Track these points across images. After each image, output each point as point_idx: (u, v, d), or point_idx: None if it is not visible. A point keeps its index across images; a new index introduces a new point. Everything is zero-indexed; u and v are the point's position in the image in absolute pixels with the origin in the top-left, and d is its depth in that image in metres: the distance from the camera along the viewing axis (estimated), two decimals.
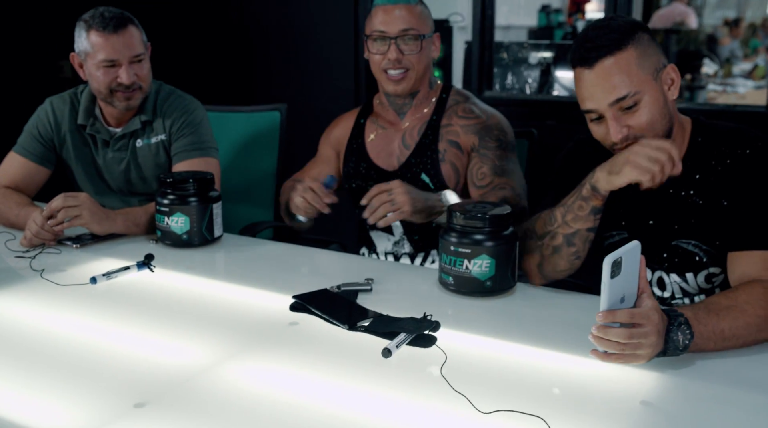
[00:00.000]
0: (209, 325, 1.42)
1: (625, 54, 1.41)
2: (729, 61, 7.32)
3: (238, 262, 1.78)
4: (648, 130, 1.43)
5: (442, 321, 1.39)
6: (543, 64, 3.31)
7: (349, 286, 1.57)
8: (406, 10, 1.94)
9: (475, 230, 1.50)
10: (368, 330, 1.36)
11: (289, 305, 1.48)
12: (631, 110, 1.42)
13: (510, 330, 1.40)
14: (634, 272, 1.19)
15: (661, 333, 1.18)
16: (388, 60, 1.93)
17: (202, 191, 1.87)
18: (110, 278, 1.65)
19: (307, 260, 1.81)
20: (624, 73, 1.41)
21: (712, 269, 1.53)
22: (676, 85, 1.48)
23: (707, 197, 1.49)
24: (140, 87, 2.10)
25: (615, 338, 1.16)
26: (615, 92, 1.41)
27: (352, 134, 2.13)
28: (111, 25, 2.03)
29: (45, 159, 2.20)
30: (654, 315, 1.17)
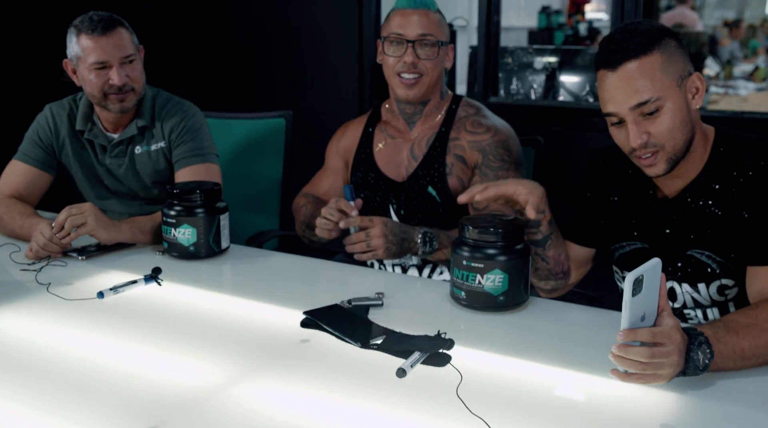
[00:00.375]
0: (220, 342, 1.40)
1: (649, 58, 1.39)
2: (729, 62, 7.31)
3: (246, 275, 1.76)
4: (668, 138, 1.42)
5: (456, 338, 1.37)
6: (548, 69, 3.29)
7: (360, 301, 1.55)
8: (425, 15, 1.93)
9: (488, 244, 1.48)
10: (381, 348, 1.35)
11: (300, 322, 1.47)
12: (653, 115, 1.40)
13: (524, 347, 1.38)
14: (654, 290, 1.17)
15: (682, 353, 1.16)
16: (404, 63, 1.92)
17: (209, 203, 1.85)
18: (117, 292, 1.63)
19: (316, 272, 1.79)
20: (647, 78, 1.39)
21: (725, 280, 1.51)
22: (700, 95, 1.45)
23: (726, 208, 1.47)
24: (133, 89, 2.09)
25: (636, 357, 1.14)
26: (637, 96, 1.39)
27: (360, 142, 2.10)
28: (99, 27, 2.03)
29: (47, 164, 2.19)
30: (675, 334, 1.16)
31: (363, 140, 2.10)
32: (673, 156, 1.44)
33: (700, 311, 1.57)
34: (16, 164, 2.18)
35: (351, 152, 2.12)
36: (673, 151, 1.43)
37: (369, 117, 2.15)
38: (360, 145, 2.10)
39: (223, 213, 1.88)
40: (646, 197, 1.58)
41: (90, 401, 1.19)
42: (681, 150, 1.44)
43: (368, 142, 2.09)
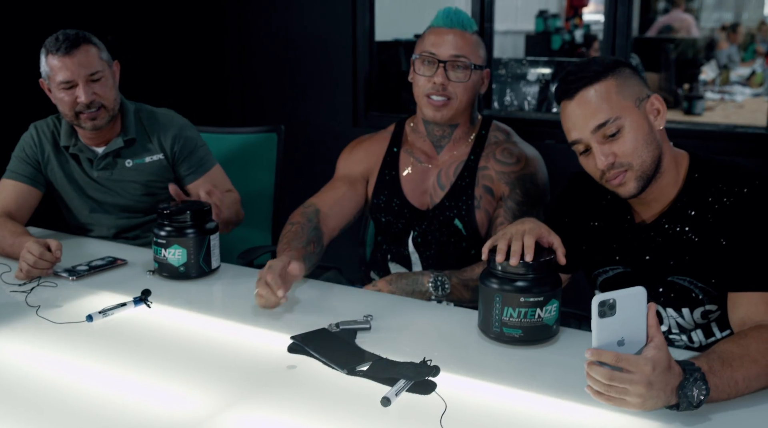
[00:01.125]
0: (207, 368, 1.41)
1: (604, 83, 1.45)
2: (726, 67, 7.32)
3: (237, 296, 1.76)
4: (634, 156, 1.44)
5: (442, 364, 1.37)
6: (542, 81, 3.30)
7: (348, 324, 1.56)
8: (461, 36, 1.87)
9: (543, 276, 1.44)
10: (367, 375, 1.35)
11: (288, 347, 1.47)
12: (615, 137, 1.44)
13: (511, 374, 1.38)
14: (638, 318, 1.17)
15: (654, 385, 1.14)
16: (434, 84, 1.86)
17: (199, 223, 1.86)
18: (106, 315, 1.64)
19: (305, 293, 1.79)
20: (604, 101, 1.44)
21: (708, 306, 1.52)
22: (662, 115, 1.49)
23: (703, 234, 1.48)
24: (103, 106, 2.10)
25: (598, 377, 1.15)
26: (596, 118, 1.44)
27: (384, 162, 2.03)
28: (63, 46, 2.05)
29: (35, 180, 2.21)
30: (645, 366, 1.13)
31: (387, 160, 2.03)
32: (642, 174, 1.46)
33: (684, 335, 1.58)
34: (4, 183, 2.20)
35: (373, 170, 2.04)
36: (641, 169, 1.45)
37: (393, 135, 2.07)
38: (384, 165, 2.03)
39: (213, 233, 1.88)
40: (623, 222, 1.59)
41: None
42: (649, 168, 1.46)
43: (393, 164, 2.02)
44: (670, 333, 1.58)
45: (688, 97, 5.17)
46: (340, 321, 1.57)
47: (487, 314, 1.47)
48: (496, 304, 1.44)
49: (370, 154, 2.05)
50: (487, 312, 1.46)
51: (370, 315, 1.60)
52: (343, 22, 3.28)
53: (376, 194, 2.03)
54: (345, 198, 2.01)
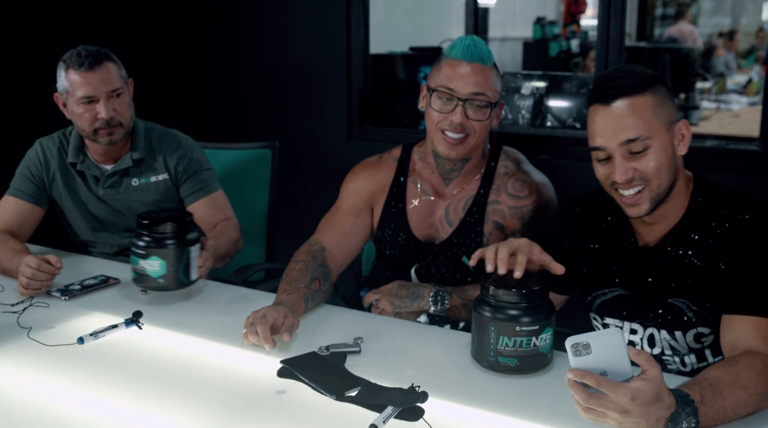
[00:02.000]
0: (196, 392, 1.41)
1: (642, 98, 1.43)
2: (723, 75, 7.33)
3: (229, 317, 1.76)
4: (654, 176, 1.45)
5: (431, 389, 1.38)
6: (536, 95, 3.31)
7: (338, 347, 1.56)
8: (481, 71, 1.78)
9: (535, 305, 1.42)
10: (355, 400, 1.36)
11: (277, 371, 1.47)
12: (640, 154, 1.44)
13: (500, 400, 1.39)
14: (617, 356, 1.15)
15: (632, 414, 1.13)
16: (451, 122, 1.79)
17: (180, 234, 1.81)
18: (98, 337, 1.64)
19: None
20: (638, 117, 1.43)
21: (701, 329, 1.53)
22: (686, 142, 1.49)
23: (704, 258, 1.48)
24: (120, 123, 2.12)
25: (576, 397, 1.15)
26: (627, 133, 1.43)
27: (390, 193, 1.96)
28: (87, 62, 2.06)
29: (38, 198, 2.21)
30: (623, 396, 1.12)
31: (394, 191, 1.96)
32: (657, 196, 1.46)
33: (678, 357, 1.58)
34: (7, 199, 2.20)
35: (378, 200, 1.98)
36: (658, 190, 1.46)
37: (399, 162, 1.99)
38: (390, 196, 1.96)
39: (193, 244, 1.84)
40: (626, 244, 1.58)
41: None
42: (664, 191, 1.47)
43: (400, 195, 1.96)
44: (663, 354, 1.58)
45: (684, 108, 5.18)
46: (330, 343, 1.57)
47: (482, 343, 1.45)
48: (491, 333, 1.42)
49: (375, 182, 1.99)
50: (482, 341, 1.45)
51: (360, 338, 1.60)
52: (338, 36, 3.29)
53: (381, 226, 1.98)
54: (351, 233, 1.96)
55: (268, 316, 1.57)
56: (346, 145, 3.31)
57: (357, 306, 2.05)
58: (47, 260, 1.86)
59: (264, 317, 1.57)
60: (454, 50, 1.81)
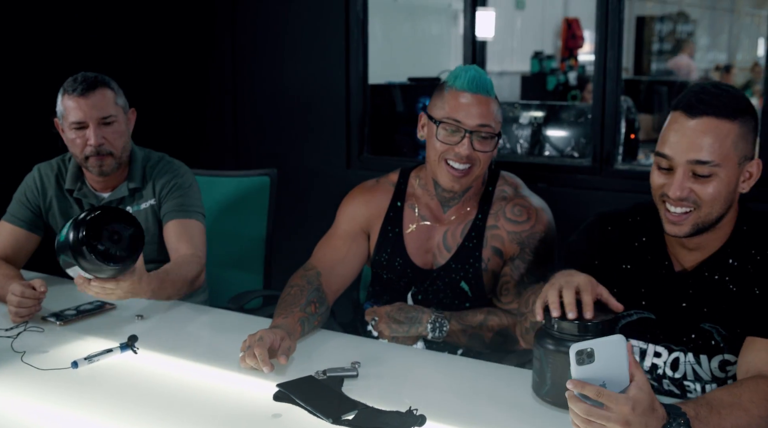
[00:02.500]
0: (192, 417, 1.39)
1: (729, 125, 1.39)
2: None
3: (225, 342, 1.74)
4: (709, 204, 1.41)
5: (429, 413, 1.36)
6: (534, 125, 3.33)
7: (335, 372, 1.54)
8: (486, 102, 1.78)
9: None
10: (352, 424, 1.34)
11: (273, 395, 1.46)
12: (703, 178, 1.40)
13: (499, 423, 1.37)
14: (618, 364, 1.16)
15: (632, 425, 1.12)
16: (457, 154, 1.77)
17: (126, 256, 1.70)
18: (92, 361, 1.62)
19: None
20: (718, 141, 1.38)
21: (728, 356, 1.49)
22: (752, 181, 1.46)
23: (741, 284, 1.46)
24: (111, 153, 2.09)
25: (576, 410, 1.14)
26: (699, 153, 1.39)
27: (387, 217, 1.95)
28: (80, 88, 2.06)
29: (34, 225, 2.20)
30: (625, 405, 1.12)
31: (390, 216, 1.95)
32: (702, 223, 1.43)
33: (699, 385, 1.53)
34: (3, 225, 2.20)
35: (374, 225, 1.97)
36: (705, 218, 1.43)
37: (396, 187, 1.98)
38: (387, 220, 1.95)
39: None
40: (660, 268, 1.55)
41: None
42: (711, 221, 1.44)
43: (397, 220, 1.95)
44: (685, 379, 1.54)
45: None
46: (327, 368, 1.56)
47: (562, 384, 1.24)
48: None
49: (371, 207, 1.98)
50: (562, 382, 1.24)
51: (357, 362, 1.59)
52: (337, 66, 3.32)
53: (378, 250, 1.97)
54: (347, 258, 1.95)
55: (265, 338, 1.56)
56: (345, 173, 3.31)
57: (354, 332, 2.04)
58: (32, 285, 1.84)
59: (261, 339, 1.55)
60: (459, 81, 1.80)
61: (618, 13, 2.74)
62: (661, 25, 11.27)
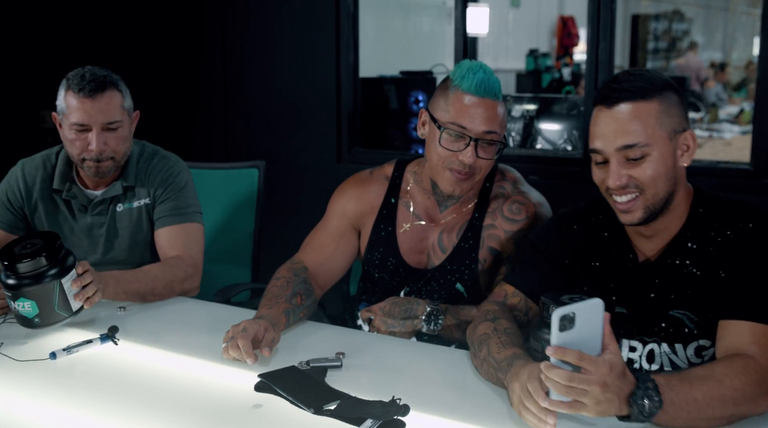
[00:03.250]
0: (171, 407, 1.36)
1: (647, 104, 1.39)
2: (715, 105, 7.38)
3: (208, 333, 1.71)
4: (649, 185, 1.41)
5: (413, 403, 1.33)
6: (527, 117, 3.31)
7: (319, 362, 1.51)
8: (492, 108, 1.70)
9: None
10: (334, 414, 1.31)
11: (254, 385, 1.43)
12: (637, 161, 1.40)
13: (483, 414, 1.34)
14: (594, 330, 1.16)
15: (610, 388, 1.13)
16: (461, 162, 1.71)
17: (44, 269, 1.64)
18: (71, 352, 1.59)
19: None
20: (640, 122, 1.39)
21: (702, 341, 1.48)
22: (690, 153, 1.45)
23: (704, 268, 1.45)
24: (111, 157, 2.00)
25: (557, 378, 1.13)
26: (625, 138, 1.39)
27: (380, 215, 1.88)
28: (88, 88, 1.94)
29: (14, 227, 2.12)
30: (603, 367, 1.13)
31: (384, 213, 1.88)
32: (651, 205, 1.43)
33: None
34: None
35: (367, 222, 1.90)
36: (653, 200, 1.42)
37: (391, 182, 1.91)
38: (380, 218, 1.88)
39: (64, 275, 1.66)
40: (626, 261, 1.53)
41: None
42: (660, 201, 1.43)
43: (390, 218, 1.88)
44: (662, 370, 1.52)
45: None
46: (311, 358, 1.53)
47: None
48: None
49: (363, 203, 1.91)
50: None
51: (342, 353, 1.56)
52: (327, 59, 3.30)
53: (370, 249, 1.91)
54: (335, 255, 1.90)
55: (248, 329, 1.52)
56: (336, 167, 3.29)
57: (343, 325, 2.00)
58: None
59: (244, 330, 1.52)
60: (466, 83, 1.70)
61: (610, 4, 2.72)
62: (656, 24, 11.27)
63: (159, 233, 2.08)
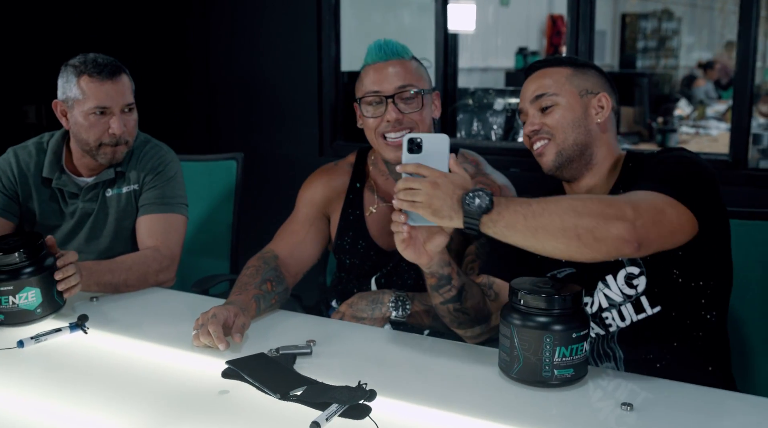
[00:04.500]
0: (136, 394, 1.35)
1: (559, 69, 1.61)
2: (702, 103, 7.40)
3: (179, 322, 1.70)
4: (557, 131, 1.57)
5: (380, 389, 1.32)
6: (508, 111, 3.31)
7: (288, 349, 1.51)
8: (400, 65, 1.76)
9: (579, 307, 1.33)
10: (300, 399, 1.30)
11: (222, 372, 1.41)
12: (547, 110, 1.58)
13: (451, 397, 1.33)
14: (440, 159, 1.35)
15: (440, 187, 1.30)
16: (387, 122, 1.73)
17: (45, 255, 1.69)
18: (39, 341, 1.57)
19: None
20: (552, 79, 1.60)
21: (630, 268, 1.52)
22: (604, 112, 1.60)
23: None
24: (126, 142, 2.02)
25: (400, 186, 1.34)
26: (537, 91, 1.60)
27: (347, 201, 1.91)
28: (106, 71, 1.96)
29: (8, 211, 2.10)
30: (435, 172, 1.32)
31: (350, 198, 1.91)
32: (562, 150, 1.57)
33: (615, 310, 1.56)
34: None
35: (335, 208, 1.93)
36: (563, 145, 1.57)
37: (354, 169, 1.95)
38: (347, 203, 1.92)
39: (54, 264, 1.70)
40: None
41: None
42: (570, 148, 1.57)
43: (357, 202, 1.91)
44: (601, 310, 1.57)
45: (662, 131, 5.21)
46: (280, 345, 1.52)
47: (531, 360, 1.31)
48: (547, 346, 1.30)
49: (329, 189, 1.94)
50: (532, 357, 1.31)
51: (313, 341, 1.55)
52: (309, 52, 3.29)
53: (340, 234, 1.92)
54: (306, 242, 1.91)
55: (218, 315, 1.52)
56: (318, 161, 3.28)
57: (318, 314, 1.99)
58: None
59: (214, 316, 1.51)
60: (370, 56, 1.79)
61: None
62: (645, 23, 11.29)
63: (140, 221, 2.09)
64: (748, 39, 2.51)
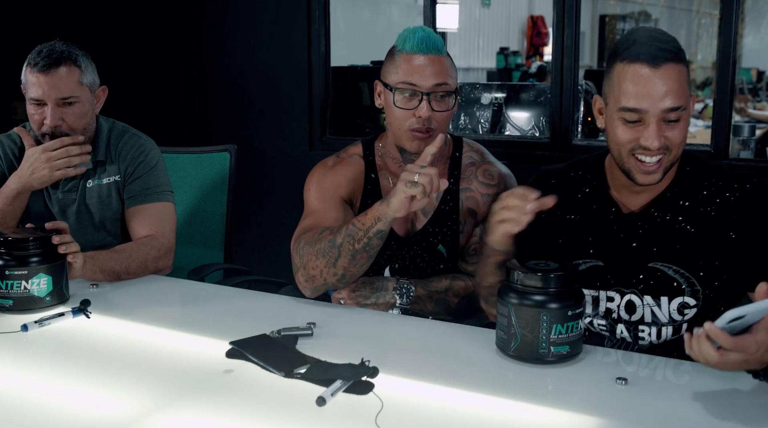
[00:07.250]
0: (142, 375, 1.37)
1: (683, 67, 1.43)
2: None
3: (181, 307, 1.74)
4: (678, 147, 1.44)
5: (382, 366, 1.36)
6: (495, 105, 3.36)
7: (290, 331, 1.54)
8: (438, 62, 1.75)
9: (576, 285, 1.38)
10: (304, 377, 1.33)
11: (226, 352, 1.44)
12: (673, 123, 1.42)
13: (451, 374, 1.37)
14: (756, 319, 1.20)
15: (749, 363, 1.18)
16: (419, 118, 1.74)
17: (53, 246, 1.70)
18: (43, 325, 1.59)
19: (249, 302, 1.77)
20: (683, 85, 1.41)
21: (688, 299, 1.52)
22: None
23: (702, 226, 1.50)
24: (67, 135, 2.00)
25: (707, 353, 1.18)
26: (673, 100, 1.40)
27: (366, 190, 1.89)
28: (42, 62, 1.96)
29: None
30: (751, 345, 1.17)
31: (369, 188, 1.89)
32: (669, 166, 1.47)
33: (655, 328, 1.55)
34: None
35: (356, 195, 1.90)
36: (673, 161, 1.46)
37: (365, 159, 1.91)
38: (366, 192, 1.89)
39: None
40: (608, 214, 1.57)
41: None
42: (674, 160, 1.47)
43: (375, 191, 1.89)
44: (641, 322, 1.55)
45: None
46: (281, 327, 1.55)
47: (529, 337, 1.35)
48: (543, 324, 1.34)
49: (349, 179, 1.89)
50: (529, 335, 1.34)
51: (313, 323, 1.58)
52: (299, 48, 3.32)
53: None
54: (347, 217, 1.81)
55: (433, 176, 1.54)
56: (308, 155, 3.31)
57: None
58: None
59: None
60: (408, 44, 1.76)
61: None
62: (623, 24, 11.43)
63: (130, 213, 2.09)
64: (729, 34, 2.58)
